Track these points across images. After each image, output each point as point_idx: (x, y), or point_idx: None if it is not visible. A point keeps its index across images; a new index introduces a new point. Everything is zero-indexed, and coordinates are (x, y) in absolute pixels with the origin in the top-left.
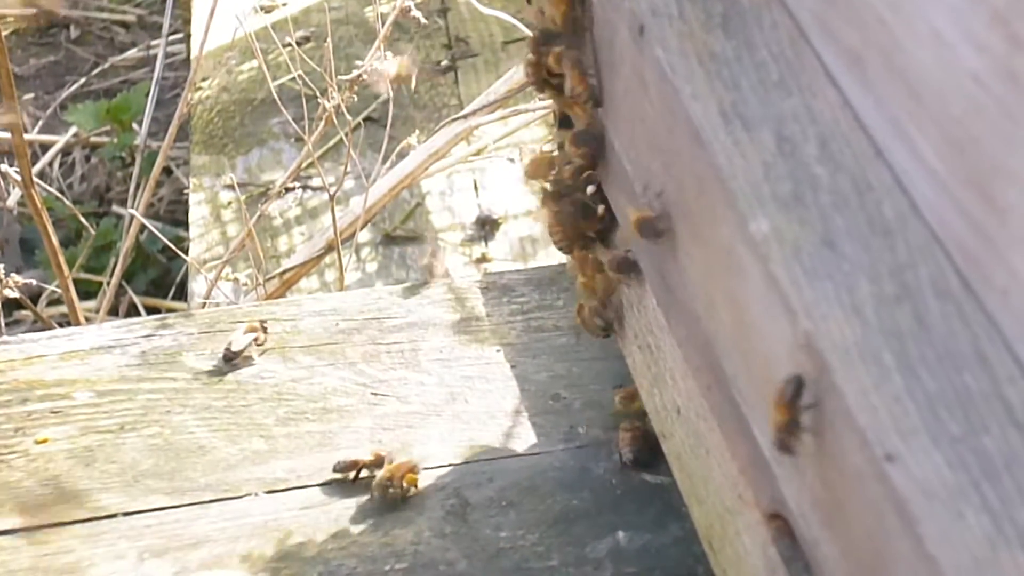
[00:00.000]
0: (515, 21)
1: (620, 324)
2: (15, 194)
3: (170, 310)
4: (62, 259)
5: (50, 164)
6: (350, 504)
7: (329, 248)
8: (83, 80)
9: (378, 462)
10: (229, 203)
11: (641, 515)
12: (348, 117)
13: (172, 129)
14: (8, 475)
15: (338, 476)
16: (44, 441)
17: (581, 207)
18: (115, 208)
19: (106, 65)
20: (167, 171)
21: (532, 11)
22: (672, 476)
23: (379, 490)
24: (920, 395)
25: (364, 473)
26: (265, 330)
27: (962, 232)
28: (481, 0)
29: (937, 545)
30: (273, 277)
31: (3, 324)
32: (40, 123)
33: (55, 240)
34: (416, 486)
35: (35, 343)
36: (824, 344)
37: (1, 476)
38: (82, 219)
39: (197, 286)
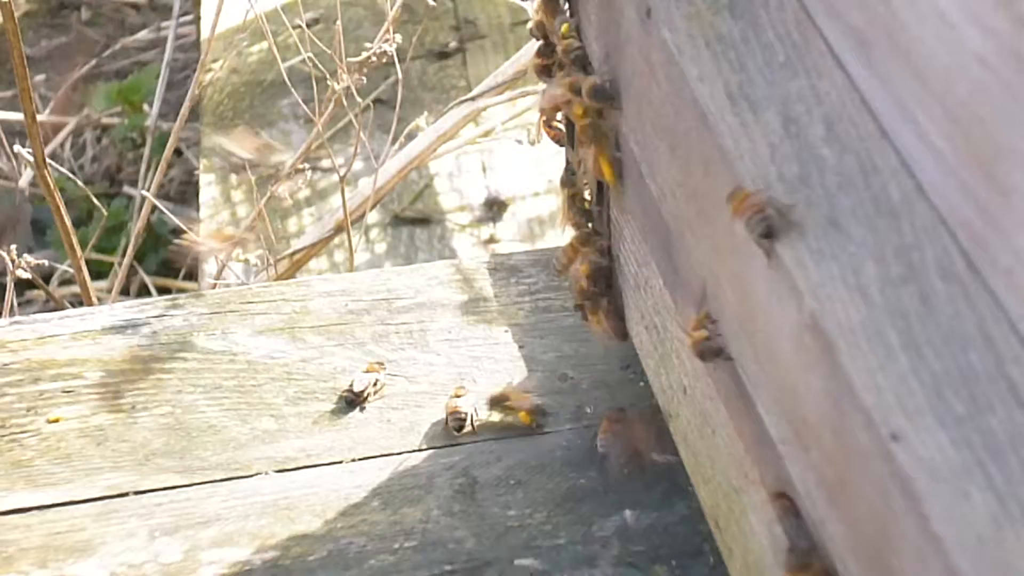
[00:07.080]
0: (523, 3)
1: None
2: (27, 175)
3: (181, 290)
4: (75, 239)
5: (61, 145)
6: (359, 483)
7: (338, 229)
8: (94, 61)
9: (374, 371)
10: (239, 184)
11: (648, 494)
12: (357, 99)
13: (184, 110)
14: (20, 454)
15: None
16: (56, 420)
17: None
18: (126, 189)
19: (117, 47)
20: (177, 152)
21: None
22: (679, 455)
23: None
24: (925, 375)
25: (372, 390)
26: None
27: (967, 213)
28: None
29: (942, 524)
30: (283, 258)
31: (16, 304)
32: (52, 104)
33: (68, 220)
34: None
35: (47, 323)
36: (829, 324)
37: (13, 455)
38: (95, 199)
39: (207, 267)
